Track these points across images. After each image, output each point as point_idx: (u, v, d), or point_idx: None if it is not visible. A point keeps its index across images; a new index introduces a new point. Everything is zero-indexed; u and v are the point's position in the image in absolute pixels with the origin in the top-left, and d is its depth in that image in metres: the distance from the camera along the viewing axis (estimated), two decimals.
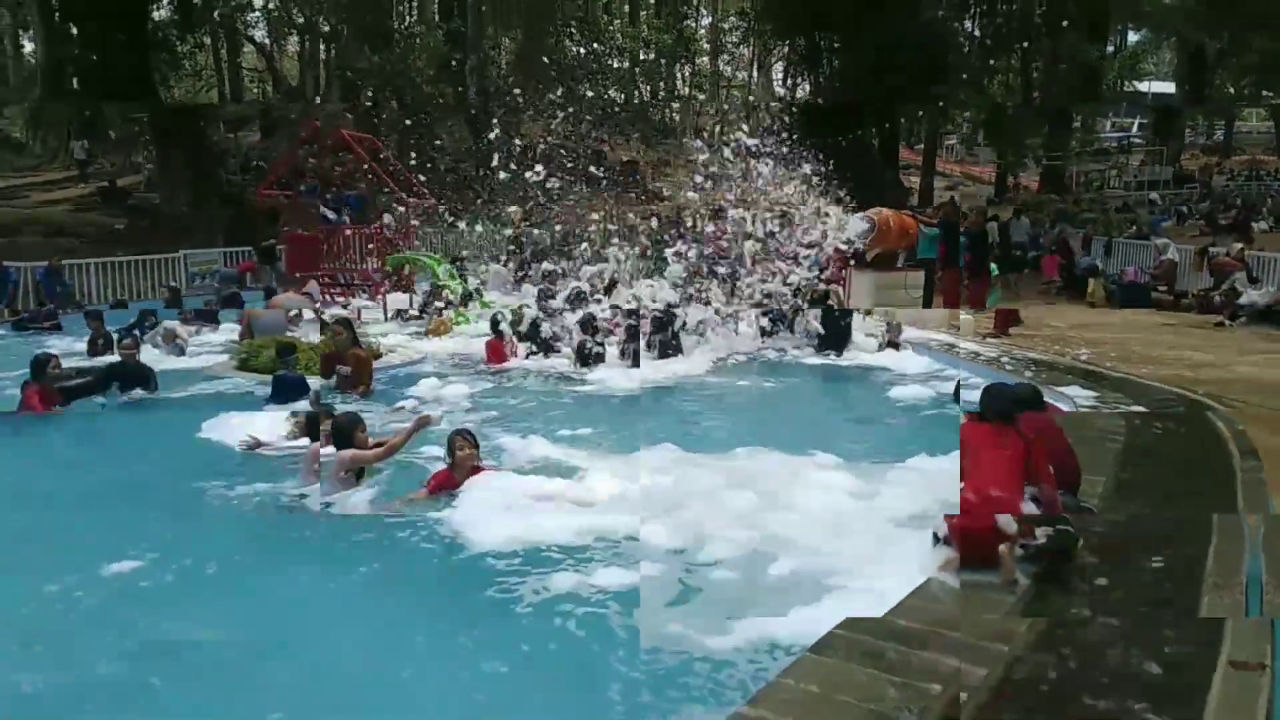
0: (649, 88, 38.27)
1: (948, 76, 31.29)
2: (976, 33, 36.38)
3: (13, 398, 8.68)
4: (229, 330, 13.76)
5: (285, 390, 8.98)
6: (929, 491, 4.91)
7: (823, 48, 34.09)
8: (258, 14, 36.60)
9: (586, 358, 11.30)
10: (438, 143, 33.51)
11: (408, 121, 28.79)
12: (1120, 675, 3.47)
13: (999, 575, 4.26)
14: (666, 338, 11.94)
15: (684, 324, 12.49)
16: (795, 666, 3.51)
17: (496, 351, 11.68)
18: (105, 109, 35.78)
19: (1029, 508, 4.48)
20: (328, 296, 16.62)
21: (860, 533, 5.26)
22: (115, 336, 11.89)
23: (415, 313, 15.40)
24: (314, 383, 9.38)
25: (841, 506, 5.91)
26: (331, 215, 17.43)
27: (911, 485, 5.75)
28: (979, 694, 3.37)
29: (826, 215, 15.42)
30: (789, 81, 42.03)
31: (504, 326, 12.03)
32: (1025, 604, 4.17)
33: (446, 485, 5.97)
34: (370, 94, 31.31)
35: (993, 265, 15.35)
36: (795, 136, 16.59)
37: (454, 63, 30.84)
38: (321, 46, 39.04)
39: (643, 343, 11.84)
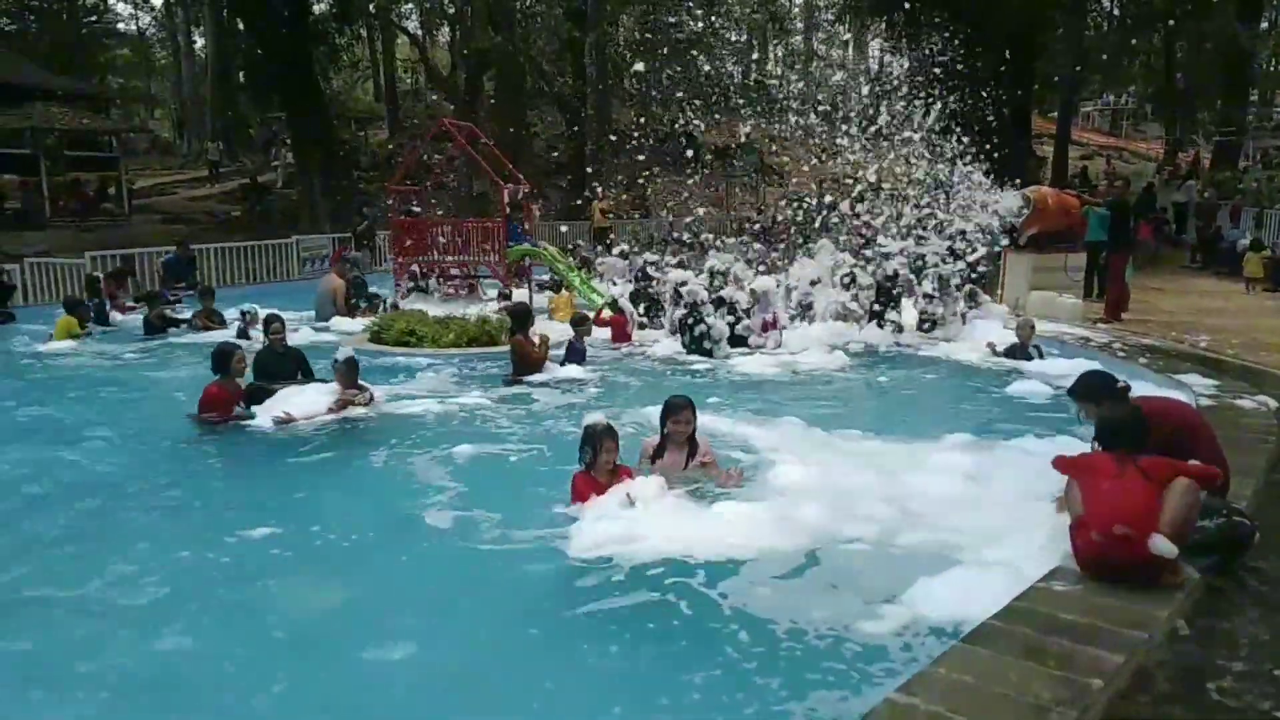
0: (740, 69, 37.79)
1: (1086, 55, 29.91)
2: (1115, 11, 34.59)
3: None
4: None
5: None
6: (1048, 475, 4.73)
7: (922, 21, 32.98)
8: (410, 4, 37.66)
9: (719, 339, 11.50)
10: (534, 128, 34.03)
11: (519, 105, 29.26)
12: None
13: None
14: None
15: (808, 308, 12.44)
16: (948, 655, 3.47)
17: (619, 328, 12.53)
18: (244, 109, 37.83)
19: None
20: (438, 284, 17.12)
21: (990, 513, 5.19)
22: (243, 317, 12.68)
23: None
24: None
25: (967, 488, 5.85)
26: (417, 209, 17.94)
27: (1032, 468, 5.58)
28: (1118, 680, 3.26)
29: (976, 193, 14.71)
30: (886, 57, 40.91)
31: (623, 303, 13.03)
32: (1187, 601, 3.99)
33: (594, 491, 5.43)
34: (491, 75, 31.90)
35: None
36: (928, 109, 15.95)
37: (573, 39, 31.04)
38: (447, 28, 39.96)
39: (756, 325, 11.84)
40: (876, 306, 12.59)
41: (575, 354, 10.61)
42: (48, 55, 34.12)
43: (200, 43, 44.33)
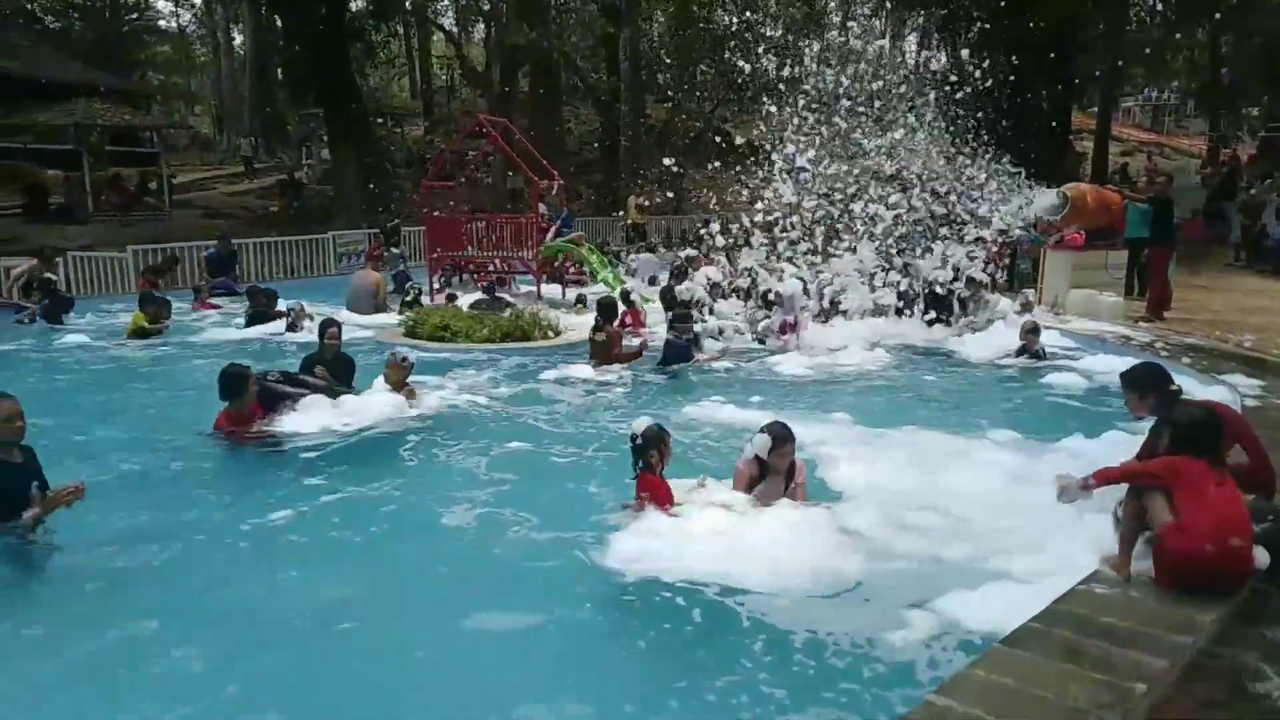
0: (774, 65, 37.56)
1: (1127, 50, 29.41)
2: (1158, 5, 33.97)
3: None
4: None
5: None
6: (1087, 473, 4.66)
7: (961, 16, 32.59)
8: (446, 1, 37.87)
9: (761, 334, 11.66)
10: (568, 125, 34.05)
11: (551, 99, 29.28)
12: None
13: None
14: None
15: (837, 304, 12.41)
16: (987, 657, 3.44)
17: (634, 319, 12.94)
18: (280, 105, 38.29)
19: None
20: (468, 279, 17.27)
21: (1030, 514, 5.12)
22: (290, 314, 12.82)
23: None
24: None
25: (1008, 488, 5.81)
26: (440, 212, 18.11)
27: (1071, 467, 5.48)
28: (1161, 685, 3.21)
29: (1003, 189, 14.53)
30: (923, 53, 40.56)
31: (634, 297, 13.40)
32: (1231, 605, 3.92)
33: (665, 492, 5.30)
34: (525, 71, 31.99)
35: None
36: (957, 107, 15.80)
37: (608, 34, 31.04)
38: (482, 24, 40.14)
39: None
40: (929, 309, 12.51)
41: (676, 351, 10.56)
42: (90, 52, 34.69)
43: (239, 40, 44.92)
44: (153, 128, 30.83)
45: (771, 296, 12.08)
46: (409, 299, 14.91)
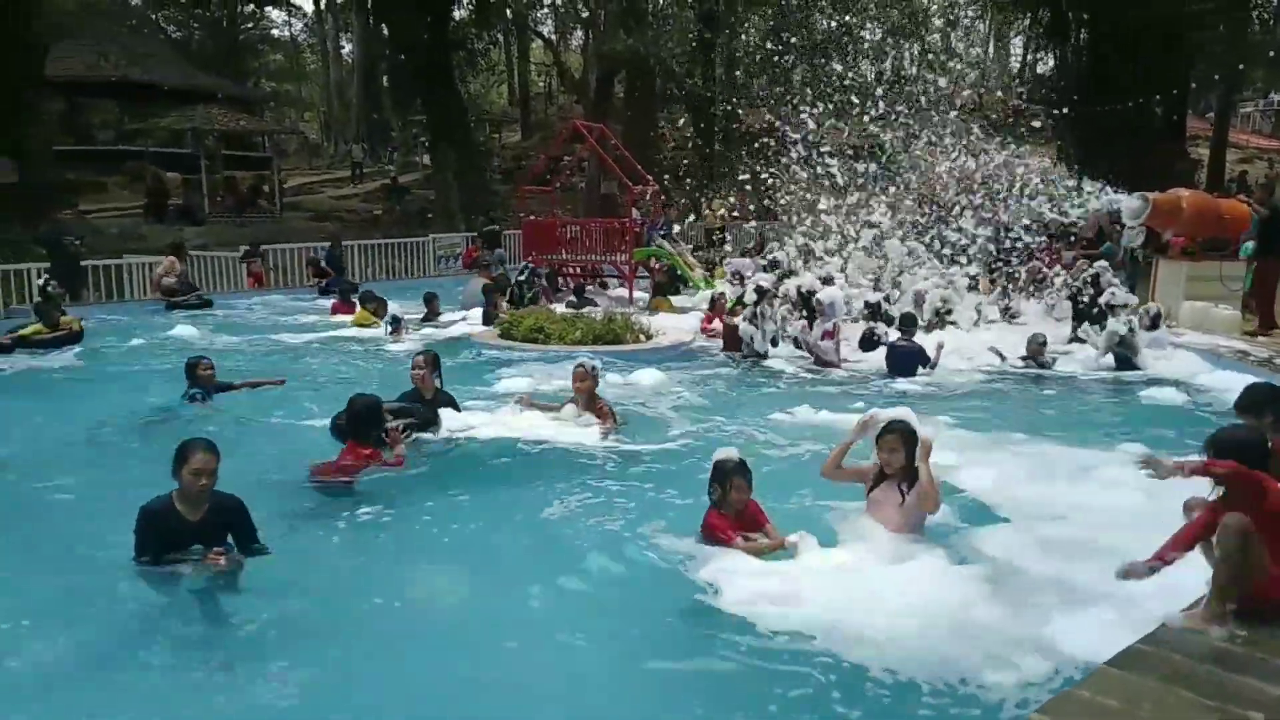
0: (873, 69, 37.00)
1: (1245, 53, 28.11)
2: None
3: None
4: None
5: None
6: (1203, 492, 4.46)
7: (1071, 19, 31.56)
8: (546, 10, 38.59)
9: (873, 343, 11.51)
10: (662, 129, 34.11)
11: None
12: None
13: None
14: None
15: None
16: (1093, 679, 3.36)
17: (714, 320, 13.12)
18: (387, 112, 39.50)
19: None
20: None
21: (1151, 530, 4.84)
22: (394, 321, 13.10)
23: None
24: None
25: (1122, 504, 5.56)
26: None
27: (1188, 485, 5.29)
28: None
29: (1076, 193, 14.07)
30: (1029, 56, 39.47)
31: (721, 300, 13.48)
32: None
33: (733, 531, 4.99)
34: (621, 77, 32.29)
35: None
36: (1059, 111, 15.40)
37: (704, 40, 31.11)
38: (580, 31, 40.71)
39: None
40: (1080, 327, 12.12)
41: (901, 359, 10.54)
42: (208, 60, 36.35)
43: (348, 49, 46.57)
44: (265, 133, 32.12)
45: (813, 303, 11.94)
46: (531, 295, 15.28)
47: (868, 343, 11.57)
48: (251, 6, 44.30)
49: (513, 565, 5.13)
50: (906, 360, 10.51)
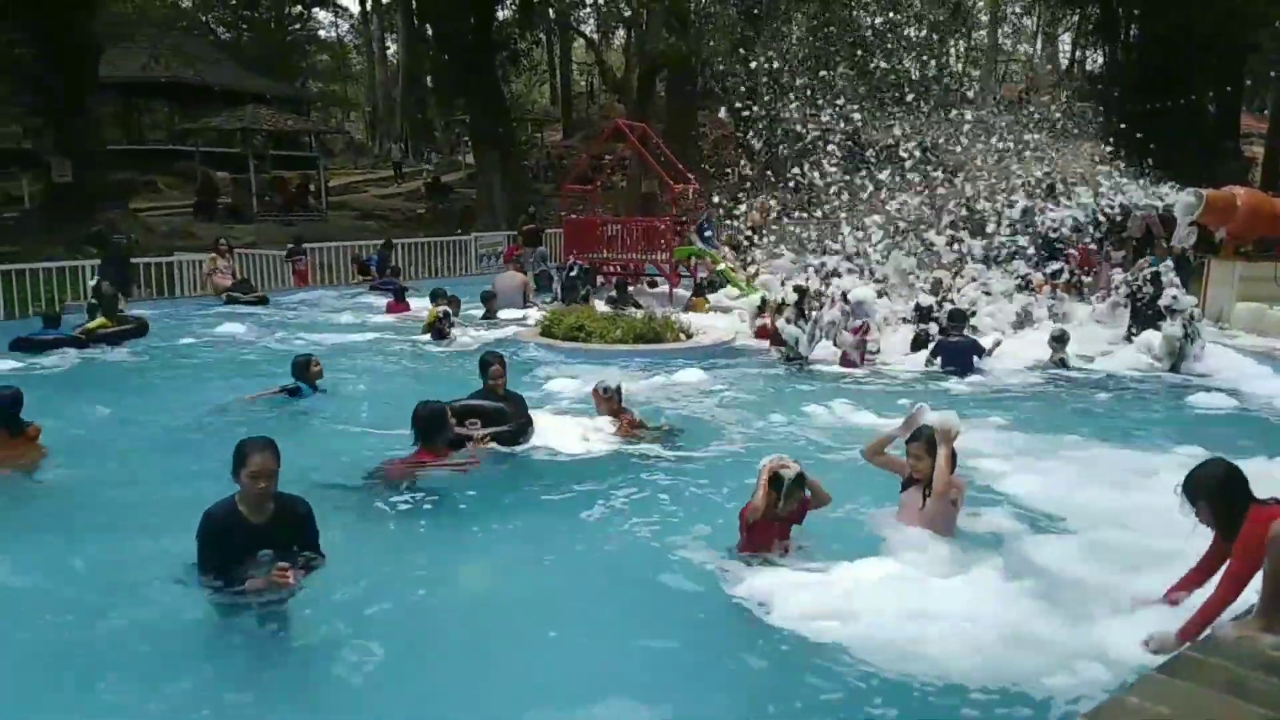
0: (916, 67, 36.64)
1: None
2: None
3: None
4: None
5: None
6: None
7: (1121, 15, 30.99)
8: (588, 9, 38.72)
9: (925, 344, 11.42)
10: (703, 128, 34.07)
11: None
12: None
13: None
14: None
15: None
16: (1141, 685, 3.31)
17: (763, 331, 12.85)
18: (431, 112, 39.89)
19: None
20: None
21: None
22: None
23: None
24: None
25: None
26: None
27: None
28: None
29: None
30: (1078, 53, 38.79)
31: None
32: None
33: (775, 536, 4.93)
34: (663, 76, 32.29)
35: None
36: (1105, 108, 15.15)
37: (747, 38, 31.01)
38: (621, 31, 40.76)
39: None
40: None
41: (953, 354, 10.52)
42: (256, 61, 36.94)
43: (393, 49, 47.05)
44: (312, 132, 32.58)
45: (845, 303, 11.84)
46: (583, 294, 15.45)
47: (920, 344, 11.46)
48: (299, 8, 44.97)
49: (548, 569, 5.12)
50: (958, 354, 10.42)
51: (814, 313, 11.57)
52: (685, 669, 4.06)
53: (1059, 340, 10.74)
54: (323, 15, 49.71)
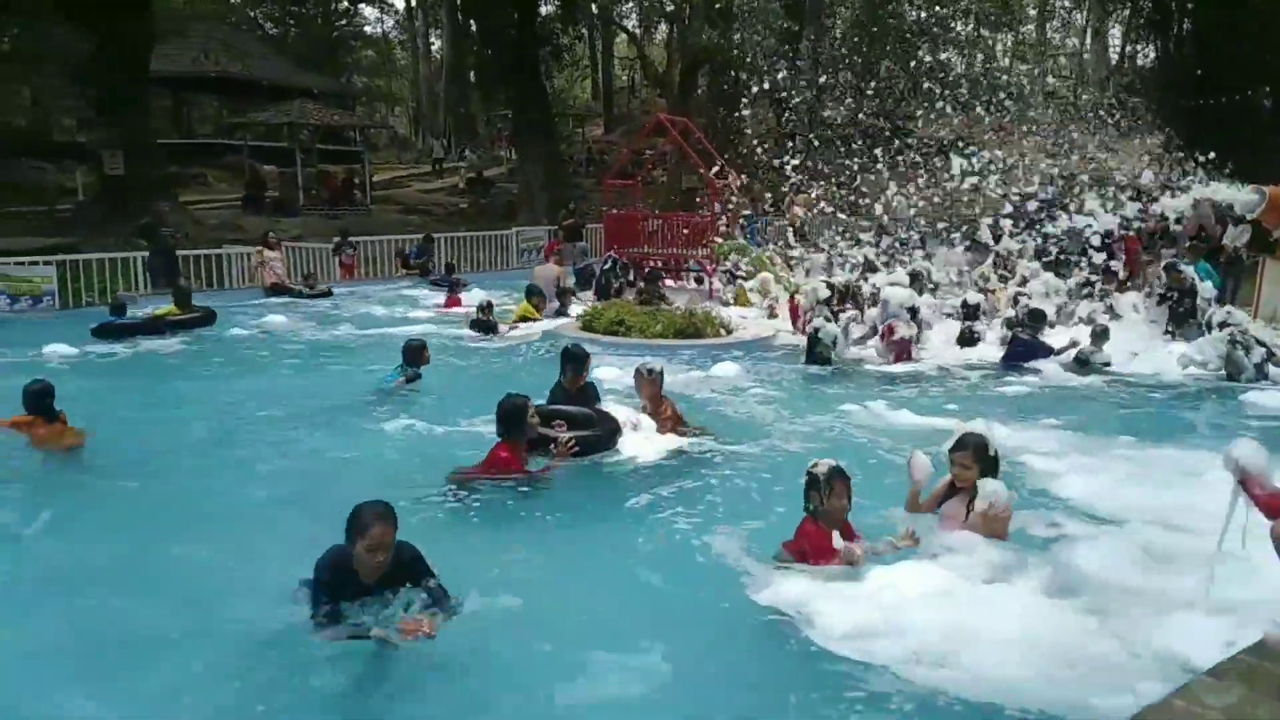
0: (963, 60, 36.20)
1: None
2: None
3: None
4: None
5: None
6: None
7: (1174, 8, 30.34)
8: (630, 4, 38.81)
9: (972, 341, 11.45)
10: (744, 123, 33.91)
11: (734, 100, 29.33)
12: None
13: None
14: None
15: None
16: (1191, 687, 3.26)
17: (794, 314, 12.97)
18: (474, 107, 40.12)
19: None
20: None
21: (1253, 543, 4.49)
22: None
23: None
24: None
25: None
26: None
27: None
28: None
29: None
30: (1128, 48, 37.99)
31: (799, 297, 12.99)
32: None
33: (818, 545, 4.71)
34: (705, 71, 32.24)
35: None
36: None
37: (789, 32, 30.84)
38: (663, 25, 40.82)
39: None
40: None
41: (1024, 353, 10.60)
42: (303, 56, 37.41)
43: (436, 45, 47.43)
44: (357, 127, 32.93)
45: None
46: (617, 287, 15.62)
47: (966, 340, 11.41)
48: (345, 4, 45.44)
49: (583, 574, 5.08)
50: (1028, 352, 10.44)
51: (844, 314, 11.56)
52: (717, 672, 4.02)
53: (1099, 336, 10.64)
54: (368, 11, 50.21)
